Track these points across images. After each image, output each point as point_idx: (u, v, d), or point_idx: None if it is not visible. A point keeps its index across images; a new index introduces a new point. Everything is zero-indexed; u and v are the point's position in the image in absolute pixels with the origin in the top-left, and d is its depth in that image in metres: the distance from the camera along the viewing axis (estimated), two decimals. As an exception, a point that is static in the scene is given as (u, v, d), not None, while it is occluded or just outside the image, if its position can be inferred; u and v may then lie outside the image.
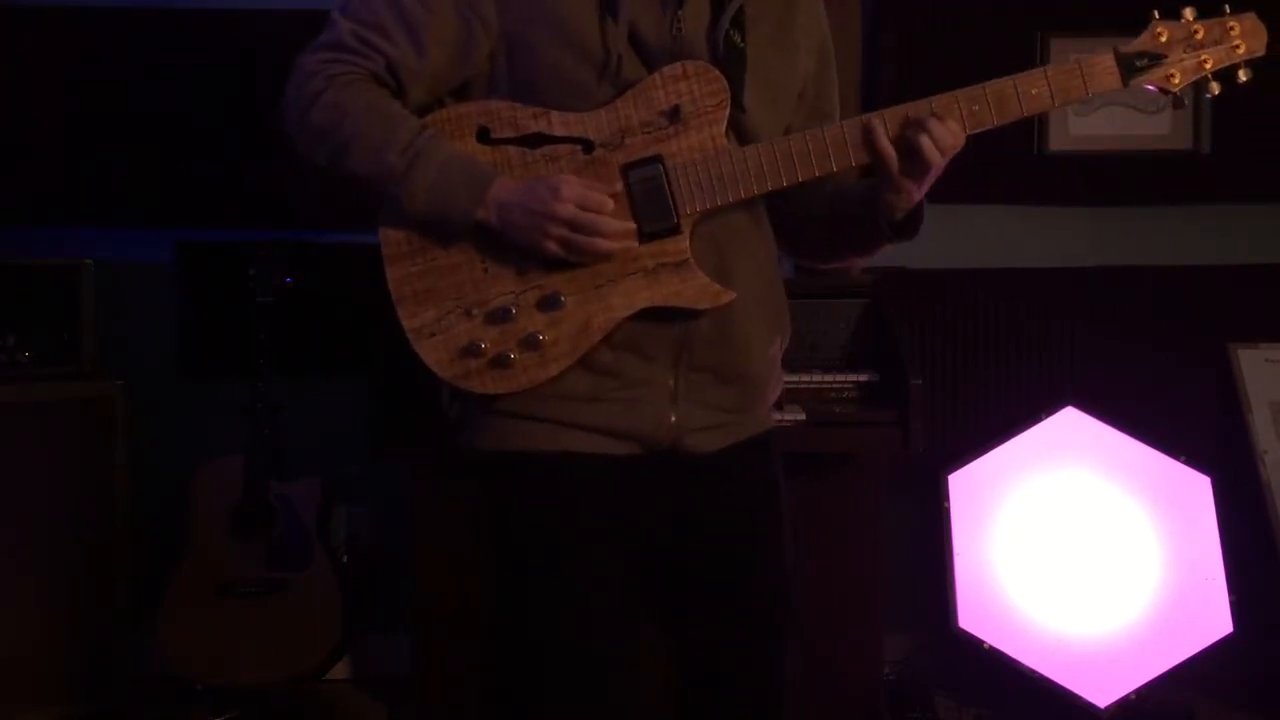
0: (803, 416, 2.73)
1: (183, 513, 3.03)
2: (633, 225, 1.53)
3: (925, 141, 1.51)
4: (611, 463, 1.58)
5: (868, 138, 1.53)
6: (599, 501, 1.59)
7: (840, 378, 2.87)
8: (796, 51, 1.68)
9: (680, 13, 1.56)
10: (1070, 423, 3.18)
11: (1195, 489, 3.12)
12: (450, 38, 1.56)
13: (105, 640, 3.03)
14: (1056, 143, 3.41)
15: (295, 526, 3.01)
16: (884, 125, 1.53)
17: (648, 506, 1.62)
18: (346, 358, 3.29)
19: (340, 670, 3.31)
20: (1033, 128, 3.39)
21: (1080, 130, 3.42)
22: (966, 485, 3.16)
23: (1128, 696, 2.97)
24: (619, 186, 1.54)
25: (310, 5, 3.27)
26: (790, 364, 2.88)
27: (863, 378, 2.86)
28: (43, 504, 2.95)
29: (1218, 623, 3.02)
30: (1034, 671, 3.00)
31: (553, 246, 1.52)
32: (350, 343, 3.29)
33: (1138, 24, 1.64)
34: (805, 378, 2.84)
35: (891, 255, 3.35)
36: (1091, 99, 1.57)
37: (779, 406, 2.73)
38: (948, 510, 3.14)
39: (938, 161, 1.52)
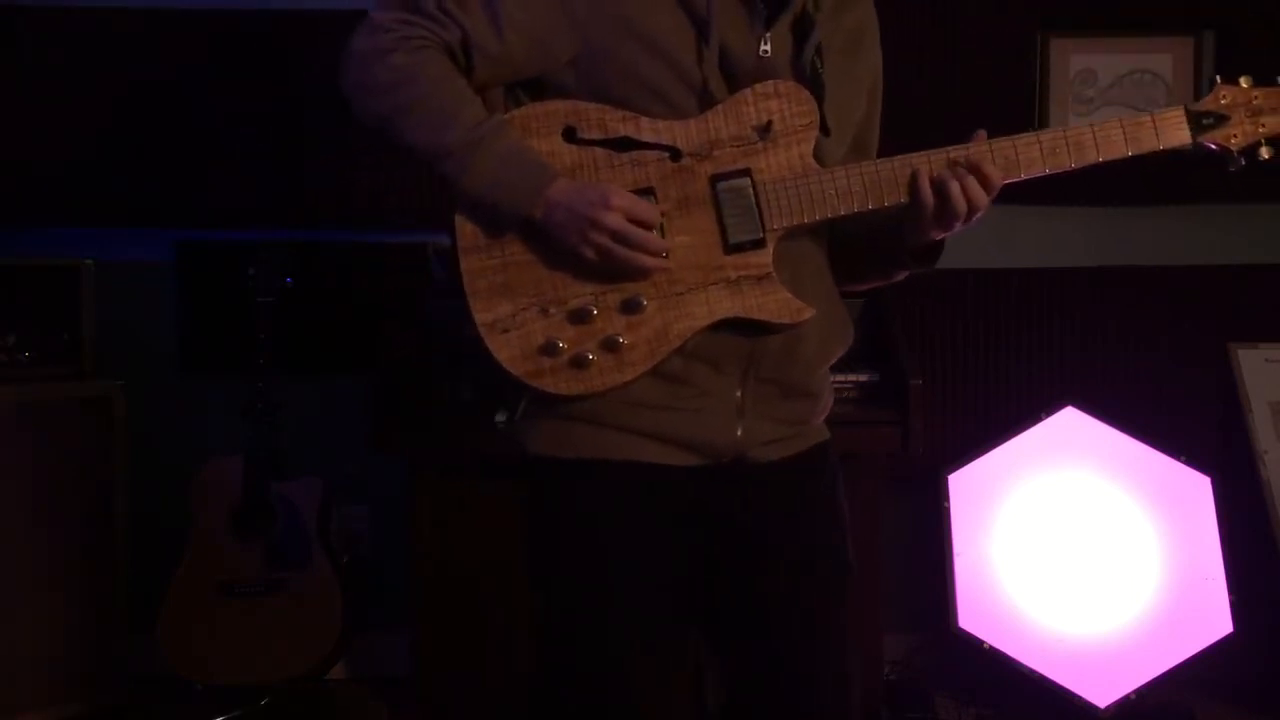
0: (803, 416, 2.72)
1: (183, 513, 3.02)
2: (668, 245, 1.53)
3: (955, 190, 1.53)
4: (676, 474, 1.58)
5: (913, 176, 1.55)
6: (662, 513, 1.58)
7: (840, 378, 2.85)
8: (861, 84, 1.70)
9: (767, 35, 1.57)
10: (1070, 423, 3.18)
11: (1195, 489, 3.12)
12: (534, 31, 1.54)
13: (105, 640, 3.03)
14: (1056, 143, 3.41)
15: (295, 526, 3.01)
16: (932, 168, 1.55)
17: (708, 521, 1.61)
18: (346, 358, 3.30)
19: (340, 670, 3.31)
20: (1033, 127, 3.39)
21: (1080, 130, 3.41)
22: (966, 485, 3.16)
23: (1128, 696, 2.97)
24: (695, 192, 1.53)
25: (310, 5, 3.28)
26: (790, 364, 2.91)
27: (863, 378, 2.85)
28: (43, 504, 2.95)
29: (1218, 623, 3.02)
30: (1034, 671, 3.00)
31: (590, 254, 1.50)
32: (350, 343, 3.29)
33: (1136, 26, 1.66)
34: (805, 378, 2.84)
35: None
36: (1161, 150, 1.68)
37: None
38: (948, 510, 3.14)
39: (962, 212, 1.54)
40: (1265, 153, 1.67)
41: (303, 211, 3.29)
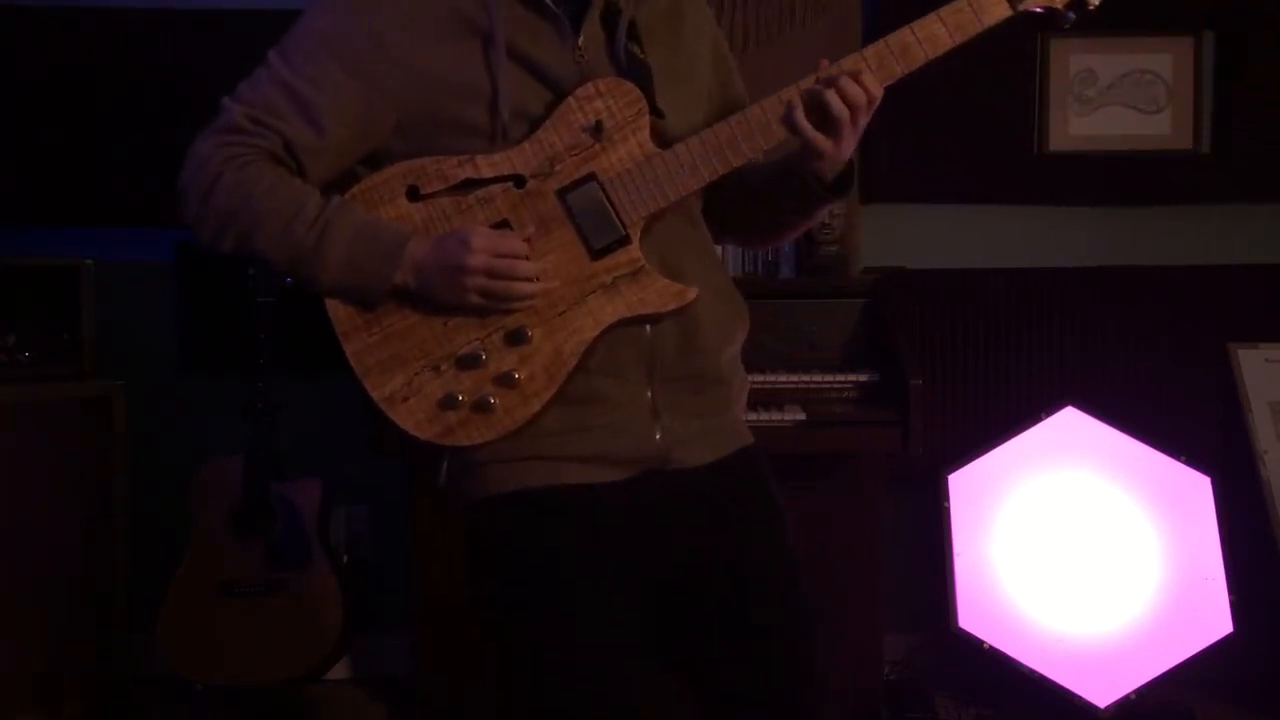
0: (802, 416, 2.72)
1: (183, 513, 3.03)
2: (543, 266, 1.53)
3: (831, 96, 1.52)
4: (606, 491, 1.56)
5: (787, 113, 1.54)
6: (599, 534, 1.56)
7: (840, 378, 2.87)
8: (695, 54, 1.70)
9: (580, 42, 1.57)
10: (1070, 423, 3.18)
11: (1195, 489, 3.12)
12: (351, 113, 1.55)
13: (105, 640, 3.04)
14: (1056, 143, 3.41)
15: (295, 526, 3.01)
16: (799, 97, 1.55)
17: (648, 536, 1.59)
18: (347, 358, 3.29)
19: (340, 670, 3.32)
20: (1033, 127, 3.40)
21: (1080, 130, 3.42)
22: (966, 485, 3.16)
23: (1128, 696, 2.97)
24: (547, 210, 1.53)
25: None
26: (790, 364, 2.92)
27: (863, 378, 2.86)
28: (43, 504, 2.95)
29: (1218, 623, 3.02)
30: (1034, 671, 3.00)
31: (474, 299, 1.51)
32: (350, 343, 3.29)
33: (1136, 26, 1.64)
34: (805, 378, 2.84)
35: (892, 255, 3.37)
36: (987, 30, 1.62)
37: (779, 407, 2.75)
38: (948, 510, 3.14)
39: (846, 117, 1.53)
40: (1094, 0, 1.63)
41: (303, 211, 3.29)
